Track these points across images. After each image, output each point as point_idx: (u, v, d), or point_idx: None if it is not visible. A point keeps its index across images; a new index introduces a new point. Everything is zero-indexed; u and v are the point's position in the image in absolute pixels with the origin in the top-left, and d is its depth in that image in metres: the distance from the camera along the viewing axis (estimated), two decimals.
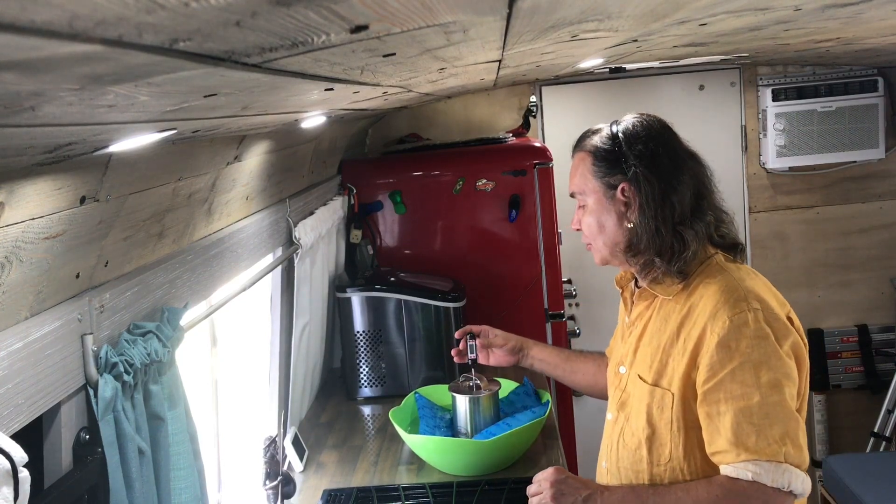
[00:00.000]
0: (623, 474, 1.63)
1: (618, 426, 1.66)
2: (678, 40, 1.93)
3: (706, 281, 1.53)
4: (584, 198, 1.64)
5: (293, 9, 0.47)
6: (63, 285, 1.20)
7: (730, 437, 1.42)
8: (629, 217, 1.57)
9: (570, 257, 3.73)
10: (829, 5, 1.30)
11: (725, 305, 1.46)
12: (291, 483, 2.12)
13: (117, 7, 0.36)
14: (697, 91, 4.00)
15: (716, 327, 1.45)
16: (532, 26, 1.03)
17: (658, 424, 1.54)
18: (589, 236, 1.66)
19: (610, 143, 1.61)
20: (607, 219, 1.60)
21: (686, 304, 1.53)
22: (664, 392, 1.53)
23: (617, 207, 1.59)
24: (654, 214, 1.53)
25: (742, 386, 1.42)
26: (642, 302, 1.65)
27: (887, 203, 4.05)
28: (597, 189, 1.61)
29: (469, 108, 3.94)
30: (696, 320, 1.50)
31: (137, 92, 0.63)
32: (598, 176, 1.61)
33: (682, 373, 1.50)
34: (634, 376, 1.62)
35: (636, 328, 1.65)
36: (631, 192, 1.56)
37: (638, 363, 1.62)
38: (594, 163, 1.62)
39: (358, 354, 2.92)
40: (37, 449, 1.19)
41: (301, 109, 1.43)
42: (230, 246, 1.91)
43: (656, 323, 1.59)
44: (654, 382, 1.55)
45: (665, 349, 1.54)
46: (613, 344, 1.85)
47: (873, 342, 4.10)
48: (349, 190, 3.22)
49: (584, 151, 1.66)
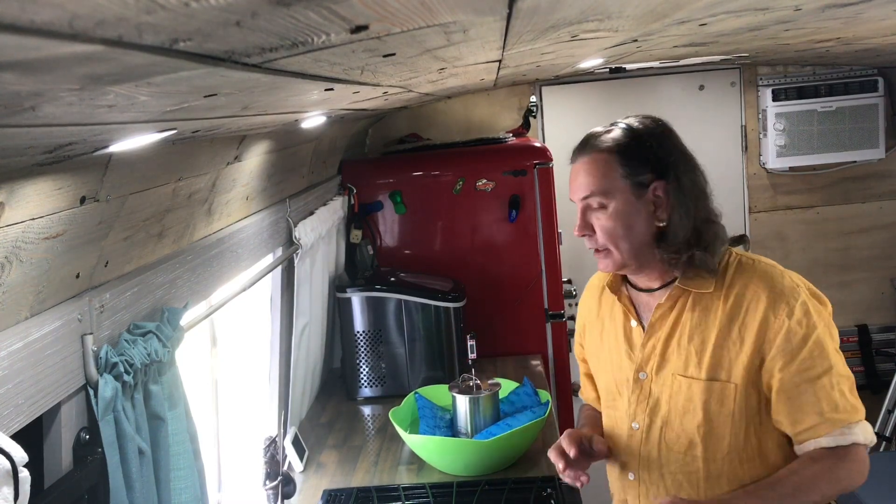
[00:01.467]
0: (669, 480, 1.58)
1: (653, 433, 1.60)
2: (678, 40, 1.93)
3: (741, 271, 1.55)
4: (605, 199, 1.56)
5: (293, 9, 0.47)
6: (63, 285, 1.20)
7: (819, 410, 1.47)
8: (659, 216, 1.54)
9: (570, 257, 3.72)
10: (829, 5, 1.30)
11: (782, 292, 1.50)
12: (291, 483, 2.12)
13: (117, 7, 0.36)
14: (697, 91, 4.00)
15: (780, 312, 1.48)
16: (532, 26, 1.03)
17: (717, 418, 1.52)
18: (608, 240, 1.57)
19: (634, 142, 1.56)
20: (637, 220, 1.55)
21: (730, 296, 1.53)
22: (724, 385, 1.52)
23: (647, 207, 1.54)
24: (694, 208, 1.53)
25: (819, 359, 1.47)
26: (667, 302, 1.59)
27: (887, 203, 4.05)
28: (625, 189, 1.55)
29: (469, 108, 3.94)
30: (749, 309, 1.50)
31: (137, 92, 0.63)
32: (626, 175, 1.55)
33: (745, 363, 1.50)
34: (671, 377, 1.57)
35: (661, 330, 1.59)
36: (663, 189, 1.53)
37: (675, 363, 1.57)
38: (621, 162, 1.55)
39: (358, 354, 2.92)
40: (37, 449, 1.19)
41: (301, 109, 1.43)
42: (230, 246, 1.91)
43: (695, 319, 1.55)
44: (711, 377, 1.53)
45: (717, 342, 1.52)
46: (604, 356, 1.72)
47: (873, 342, 4.10)
48: (349, 190, 3.22)
49: (601, 152, 1.58)
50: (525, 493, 2.11)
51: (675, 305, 1.58)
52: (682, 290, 1.57)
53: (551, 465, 2.28)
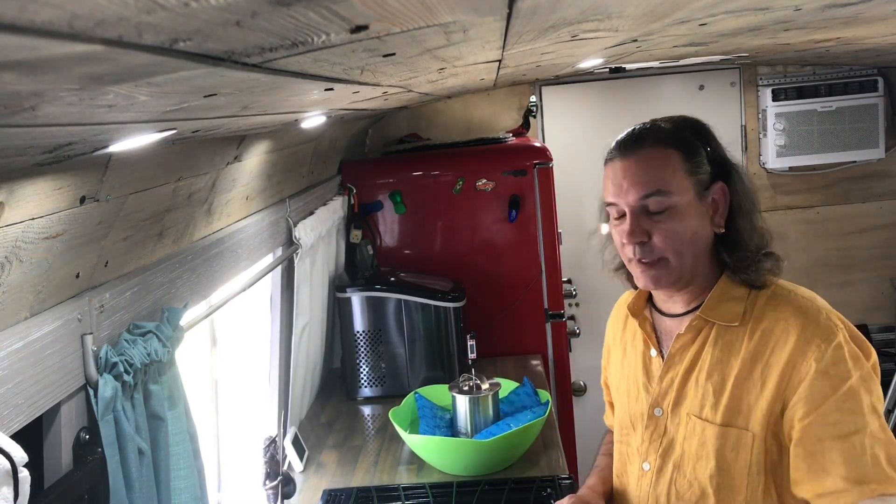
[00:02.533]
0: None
1: (664, 478, 1.42)
2: (678, 40, 1.93)
3: (774, 303, 1.36)
4: (669, 199, 1.36)
5: (293, 9, 0.47)
6: (63, 285, 1.20)
7: (844, 474, 1.24)
8: (716, 221, 1.40)
9: (570, 257, 3.72)
10: (829, 5, 1.30)
11: (816, 331, 1.30)
12: (291, 483, 2.12)
13: (117, 7, 0.36)
14: (697, 91, 4.00)
15: (809, 354, 1.28)
16: (532, 26, 1.03)
17: (732, 469, 1.34)
18: (670, 247, 1.37)
19: (694, 137, 1.41)
20: (701, 224, 1.39)
21: (757, 331, 1.34)
22: (741, 432, 1.33)
23: (707, 210, 1.39)
24: (753, 209, 1.42)
25: (849, 415, 1.25)
26: (688, 333, 1.42)
27: (887, 203, 4.05)
28: (690, 189, 1.37)
29: (469, 108, 3.94)
30: (776, 348, 1.31)
31: (137, 92, 0.63)
32: (692, 173, 1.38)
33: (765, 410, 1.31)
34: (686, 417, 1.40)
35: (680, 363, 1.42)
36: (724, 192, 1.40)
37: (691, 402, 1.39)
38: (685, 158, 1.38)
39: (358, 354, 2.92)
40: (37, 449, 1.19)
41: (301, 109, 1.43)
42: (230, 246, 1.91)
43: (716, 354, 1.38)
44: (726, 422, 1.34)
45: (737, 383, 1.34)
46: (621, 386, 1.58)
47: (873, 342, 4.09)
48: (349, 190, 3.22)
49: (662, 146, 1.39)
50: (525, 493, 2.11)
51: (698, 337, 1.41)
52: (705, 321, 1.40)
53: (551, 465, 2.29)
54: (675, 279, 1.40)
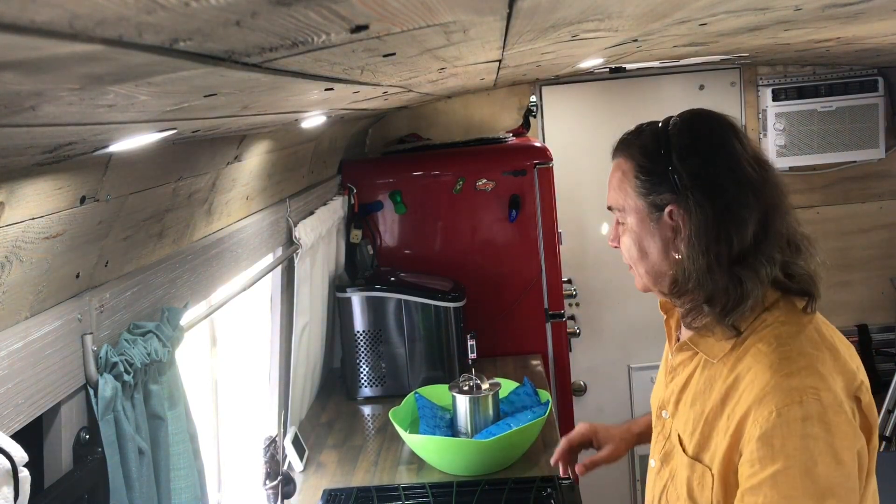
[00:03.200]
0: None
1: (661, 480, 1.40)
2: (678, 40, 1.93)
3: (758, 346, 1.23)
4: (622, 215, 1.34)
5: (293, 9, 0.47)
6: (63, 285, 1.20)
7: None
8: (677, 245, 1.28)
9: (570, 257, 3.72)
10: (829, 5, 1.30)
11: (776, 391, 1.17)
12: (291, 483, 2.12)
13: (117, 7, 0.36)
14: (697, 91, 4.00)
15: (759, 416, 1.17)
16: (532, 26, 1.03)
17: (699, 501, 1.29)
18: (629, 259, 1.36)
19: (657, 151, 1.29)
20: (651, 244, 1.31)
21: (733, 373, 1.25)
22: (704, 469, 1.28)
23: (663, 232, 1.29)
24: (705, 249, 1.23)
25: (782, 498, 1.15)
26: (685, 351, 1.36)
27: (887, 203, 4.05)
28: (639, 208, 1.30)
29: (469, 108, 3.94)
30: (742, 397, 1.22)
31: (137, 92, 0.63)
32: (641, 193, 1.30)
33: (724, 454, 1.23)
34: (675, 435, 1.36)
35: (679, 376, 1.38)
36: (680, 216, 1.26)
37: (680, 420, 1.36)
38: (636, 176, 1.30)
39: (358, 354, 2.92)
40: (37, 449, 1.19)
41: (301, 109, 1.43)
42: (230, 246, 1.91)
43: (699, 384, 1.31)
44: (695, 456, 1.29)
45: (708, 420, 1.28)
46: (659, 375, 1.54)
47: (873, 342, 4.10)
48: (349, 190, 3.22)
49: (624, 158, 1.34)
50: (525, 493, 2.11)
51: (693, 359, 1.35)
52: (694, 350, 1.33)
53: (551, 465, 2.28)
54: (644, 288, 1.37)
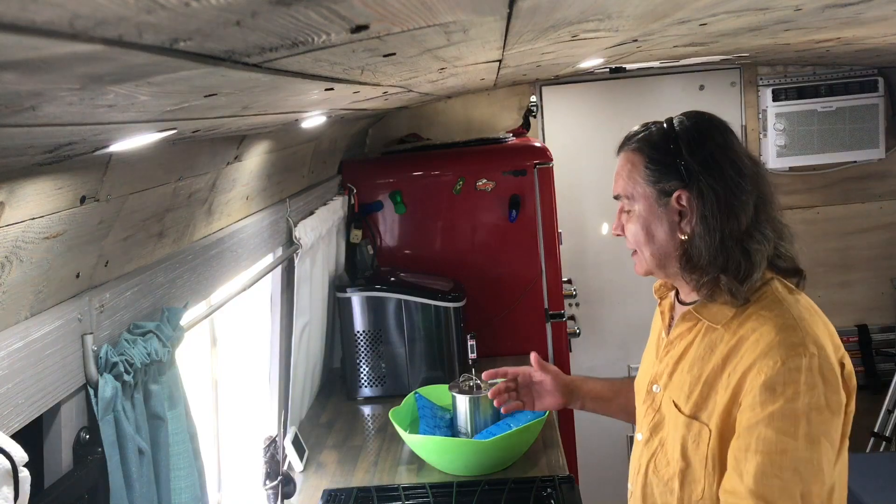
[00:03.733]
0: (650, 502, 1.51)
1: (649, 450, 1.52)
2: (678, 40, 1.93)
3: (761, 313, 1.37)
4: (630, 203, 1.48)
5: (293, 8, 0.47)
6: (63, 285, 1.20)
7: (751, 485, 1.28)
8: (682, 228, 1.43)
9: (570, 257, 3.72)
10: (829, 5, 1.30)
11: (781, 346, 1.31)
12: (291, 483, 2.12)
13: (118, 7, 0.36)
14: (697, 91, 4.00)
15: (765, 367, 1.30)
16: (532, 26, 1.03)
17: (693, 459, 1.41)
18: (634, 244, 1.50)
19: (666, 144, 1.45)
20: (658, 228, 1.45)
21: (736, 336, 1.38)
22: (702, 427, 1.40)
23: (670, 216, 1.44)
24: (718, 227, 1.38)
25: (778, 433, 1.28)
26: (685, 322, 1.49)
27: (887, 203, 4.05)
28: (648, 195, 1.45)
29: (469, 108, 3.94)
30: (745, 355, 1.35)
31: (137, 92, 0.63)
32: (651, 181, 1.45)
33: (723, 409, 1.36)
34: (670, 401, 1.48)
35: (675, 348, 1.50)
36: (689, 201, 1.41)
37: (674, 387, 1.48)
38: (647, 165, 1.45)
39: (358, 354, 2.92)
40: (37, 449, 1.19)
41: (301, 109, 1.43)
42: (230, 246, 1.91)
43: (700, 349, 1.44)
44: (692, 414, 1.42)
45: (708, 381, 1.40)
46: (645, 354, 1.70)
47: (873, 342, 4.10)
48: (349, 190, 3.22)
49: (633, 152, 1.49)
50: (525, 493, 2.11)
51: (693, 329, 1.48)
52: (697, 317, 1.46)
53: (551, 465, 2.29)
54: (647, 271, 1.51)
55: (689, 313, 1.47)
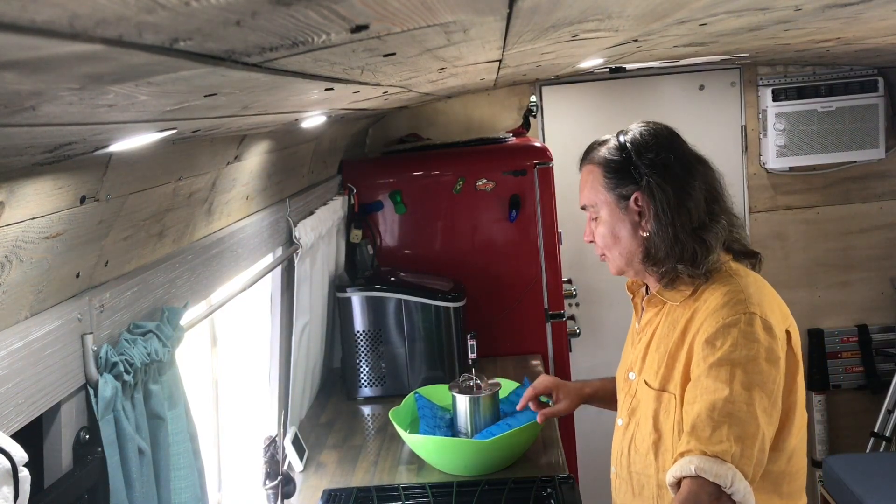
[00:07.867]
0: (634, 479, 1.64)
1: (629, 432, 1.67)
2: (678, 40, 1.94)
3: (712, 286, 1.53)
4: (595, 210, 1.66)
5: (293, 8, 0.47)
6: (63, 285, 1.20)
7: (688, 429, 1.42)
8: (644, 226, 1.58)
9: (570, 257, 3.72)
10: (829, 5, 1.30)
11: (723, 307, 1.47)
12: (291, 483, 2.12)
13: (117, 7, 0.36)
14: (697, 91, 4.00)
15: (707, 327, 1.47)
16: (532, 26, 1.03)
17: (664, 429, 1.55)
18: (603, 247, 1.67)
19: (619, 154, 1.61)
20: (621, 229, 1.61)
21: (691, 309, 1.54)
22: (670, 397, 1.54)
23: (631, 217, 1.59)
24: (670, 221, 1.54)
25: (715, 381, 1.42)
26: (651, 308, 1.65)
27: (887, 203, 4.05)
28: (609, 201, 1.62)
29: (469, 108, 3.94)
30: (697, 322, 1.51)
31: (137, 91, 0.63)
32: (610, 188, 1.62)
33: (682, 373, 1.52)
34: (643, 382, 1.63)
35: (645, 334, 1.66)
36: (644, 201, 1.57)
37: (646, 369, 1.63)
38: (604, 174, 1.63)
39: (358, 354, 2.92)
40: (37, 448, 1.19)
41: (301, 109, 1.43)
42: (230, 246, 1.91)
43: (664, 328, 1.60)
44: (661, 387, 1.56)
45: (671, 354, 1.55)
46: (625, 349, 1.83)
47: (873, 342, 4.10)
48: (349, 190, 3.22)
49: (592, 164, 1.67)
50: (525, 493, 2.11)
51: (659, 313, 1.63)
52: (662, 301, 1.62)
53: (551, 465, 2.29)
54: (618, 270, 1.68)
55: (653, 297, 1.63)
